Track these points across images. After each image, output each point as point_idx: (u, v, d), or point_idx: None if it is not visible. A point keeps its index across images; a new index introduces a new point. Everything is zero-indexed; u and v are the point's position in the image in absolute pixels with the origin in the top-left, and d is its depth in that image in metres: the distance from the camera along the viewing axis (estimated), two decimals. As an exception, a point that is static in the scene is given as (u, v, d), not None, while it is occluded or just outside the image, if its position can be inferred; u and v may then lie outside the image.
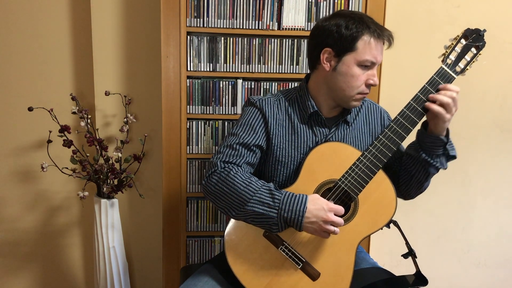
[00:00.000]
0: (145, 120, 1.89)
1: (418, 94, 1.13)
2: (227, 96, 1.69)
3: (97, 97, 1.83)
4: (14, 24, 1.82)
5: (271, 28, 1.66)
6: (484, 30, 1.14)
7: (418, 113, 1.13)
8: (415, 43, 1.92)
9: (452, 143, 1.19)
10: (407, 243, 1.23)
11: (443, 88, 1.11)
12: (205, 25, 1.63)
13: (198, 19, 1.63)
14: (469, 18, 1.91)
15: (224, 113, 1.70)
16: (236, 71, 1.68)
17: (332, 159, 1.17)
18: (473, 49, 1.14)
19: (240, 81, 1.69)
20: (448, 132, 1.16)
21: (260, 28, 1.66)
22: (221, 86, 1.68)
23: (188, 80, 1.67)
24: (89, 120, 1.76)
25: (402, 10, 1.89)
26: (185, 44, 1.63)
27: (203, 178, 1.17)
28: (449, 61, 1.13)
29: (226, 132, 1.72)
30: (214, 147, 1.73)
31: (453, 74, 1.13)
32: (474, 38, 1.14)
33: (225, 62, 1.68)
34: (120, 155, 1.77)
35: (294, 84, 1.68)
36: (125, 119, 1.81)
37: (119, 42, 1.82)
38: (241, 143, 1.19)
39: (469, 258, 2.14)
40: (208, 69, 1.67)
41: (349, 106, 1.22)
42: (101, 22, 1.79)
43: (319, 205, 1.08)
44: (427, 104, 1.11)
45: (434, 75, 1.13)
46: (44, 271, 2.02)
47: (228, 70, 1.68)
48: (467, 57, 1.14)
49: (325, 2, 1.67)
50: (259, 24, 1.66)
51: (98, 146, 1.72)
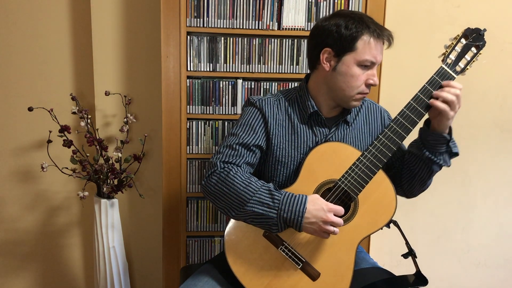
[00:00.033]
0: (145, 120, 1.89)
1: (418, 94, 1.13)
2: (227, 96, 1.69)
3: (97, 97, 1.83)
4: (14, 24, 1.82)
5: (271, 28, 1.66)
6: (484, 30, 1.13)
7: (418, 113, 1.13)
8: (415, 43, 1.92)
9: (454, 140, 1.19)
10: (407, 243, 1.23)
11: (447, 85, 1.11)
12: (205, 25, 1.63)
13: (198, 19, 1.63)
14: (469, 18, 1.91)
15: (224, 113, 1.70)
16: (236, 71, 1.68)
17: (332, 159, 1.17)
18: (473, 49, 1.14)
19: (240, 81, 1.69)
20: (451, 130, 1.17)
21: (260, 28, 1.66)
22: (221, 86, 1.68)
23: (188, 80, 1.67)
24: (89, 120, 1.76)
25: (402, 10, 1.89)
26: (185, 44, 1.63)
27: (203, 178, 1.17)
28: (449, 61, 1.13)
29: (226, 132, 1.72)
30: (214, 147, 1.73)
31: (453, 74, 1.13)
32: (474, 38, 1.13)
33: (225, 62, 1.68)
34: (120, 155, 1.77)
35: (294, 84, 1.68)
36: (125, 119, 1.81)
37: (119, 42, 1.82)
38: (241, 143, 1.19)
39: (469, 258, 2.14)
40: (208, 69, 1.67)
41: (349, 106, 1.22)
42: (101, 22, 1.79)
43: (319, 206, 1.08)
44: (432, 101, 1.10)
45: (434, 75, 1.13)
46: (44, 271, 2.02)
47: (228, 70, 1.68)
48: (467, 57, 1.14)
49: (325, 2, 1.66)
50: (259, 24, 1.66)
51: (98, 146, 1.72)
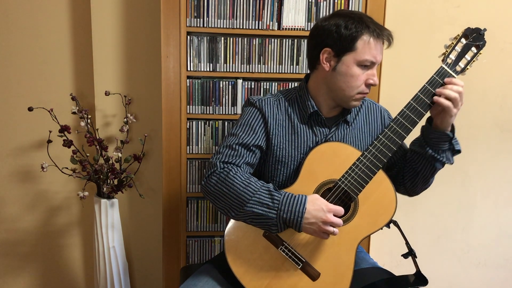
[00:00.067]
0: (145, 120, 1.89)
1: (419, 94, 1.13)
2: (227, 96, 1.69)
3: (97, 97, 1.83)
4: (14, 24, 1.82)
5: (271, 28, 1.66)
6: (485, 29, 1.13)
7: (419, 113, 1.13)
8: (415, 43, 1.92)
9: (456, 138, 1.19)
10: (407, 243, 1.23)
11: (449, 83, 1.11)
12: (205, 25, 1.63)
13: (198, 19, 1.63)
14: (469, 18, 1.91)
15: (224, 113, 1.70)
16: (236, 71, 1.68)
17: (332, 159, 1.17)
18: (474, 49, 1.14)
19: (240, 81, 1.69)
20: (454, 127, 1.17)
21: (260, 28, 1.66)
22: (221, 86, 1.68)
23: (188, 80, 1.66)
24: (89, 120, 1.76)
25: (402, 10, 1.89)
26: (185, 44, 1.63)
27: (203, 179, 1.17)
28: (449, 61, 1.13)
29: (226, 132, 1.72)
30: (214, 147, 1.73)
31: (453, 74, 1.13)
32: (475, 38, 1.13)
33: (225, 62, 1.67)
34: (120, 155, 1.77)
35: (294, 84, 1.68)
36: (125, 119, 1.81)
37: (119, 42, 1.82)
38: (241, 144, 1.19)
39: (469, 258, 2.14)
40: (208, 69, 1.67)
41: (349, 106, 1.22)
42: (101, 22, 1.79)
43: (318, 206, 1.08)
44: (436, 98, 1.10)
45: (434, 75, 1.13)
46: (44, 271, 2.02)
47: (228, 70, 1.68)
48: (467, 57, 1.14)
49: (325, 2, 1.66)
50: (259, 24, 1.66)
51: (98, 146, 1.72)
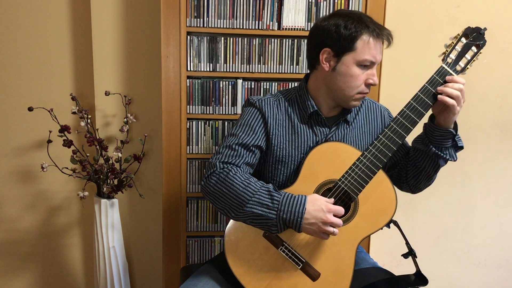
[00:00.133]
0: (145, 120, 1.89)
1: (419, 94, 1.13)
2: (227, 96, 1.69)
3: (97, 97, 1.83)
4: (14, 24, 1.82)
5: (271, 28, 1.66)
6: (485, 29, 1.13)
7: (419, 112, 1.13)
8: (415, 43, 1.92)
9: (459, 135, 1.20)
10: (407, 243, 1.23)
11: (451, 81, 1.11)
12: (205, 25, 1.63)
13: (198, 19, 1.63)
14: (469, 18, 1.91)
15: (224, 113, 1.70)
16: (236, 71, 1.68)
17: (332, 159, 1.17)
18: (474, 48, 1.14)
19: (240, 81, 1.69)
20: (456, 124, 1.17)
21: (260, 28, 1.66)
22: (221, 86, 1.68)
23: (188, 80, 1.66)
24: (89, 120, 1.76)
25: (402, 10, 1.89)
26: (185, 44, 1.63)
27: (202, 179, 1.17)
28: (450, 60, 1.13)
29: (226, 132, 1.71)
30: (214, 147, 1.73)
31: (453, 73, 1.13)
32: (475, 37, 1.13)
33: (225, 62, 1.67)
34: (120, 155, 1.77)
35: (294, 84, 1.67)
36: (125, 119, 1.81)
37: (119, 42, 1.82)
38: (240, 144, 1.19)
39: (469, 258, 2.14)
40: (208, 69, 1.67)
41: (349, 106, 1.22)
42: (101, 22, 1.79)
43: (318, 206, 1.08)
44: (440, 97, 1.10)
45: (435, 74, 1.13)
46: (44, 271, 2.02)
47: (228, 70, 1.68)
48: (468, 56, 1.14)
49: (325, 2, 1.66)
50: (259, 24, 1.66)
51: (98, 146, 1.72)
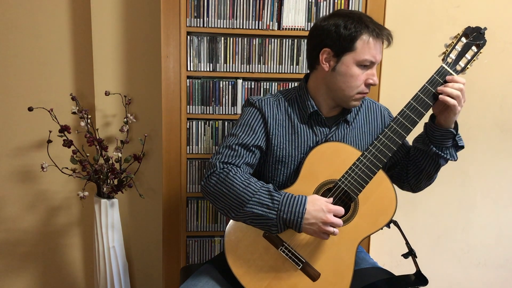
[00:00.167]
0: (145, 120, 1.89)
1: (419, 94, 1.13)
2: (227, 96, 1.69)
3: (97, 97, 1.83)
4: (14, 24, 1.82)
5: (271, 28, 1.66)
6: (485, 28, 1.13)
7: (419, 112, 1.13)
8: (415, 43, 1.92)
9: (460, 134, 1.20)
10: (407, 243, 1.23)
11: (451, 80, 1.11)
12: (205, 25, 1.63)
13: (198, 19, 1.63)
14: (469, 18, 1.91)
15: (224, 113, 1.70)
16: (236, 71, 1.68)
17: (332, 159, 1.16)
18: (474, 48, 1.14)
19: (240, 81, 1.69)
20: (457, 124, 1.17)
21: (260, 28, 1.66)
22: (221, 86, 1.68)
23: (188, 80, 1.66)
24: (89, 120, 1.76)
25: (402, 10, 1.89)
26: (185, 44, 1.63)
27: (202, 179, 1.16)
28: (450, 60, 1.13)
29: (226, 132, 1.71)
30: (214, 147, 1.73)
31: (454, 73, 1.13)
32: (475, 37, 1.13)
33: (225, 62, 1.67)
34: (120, 155, 1.77)
35: (294, 84, 1.67)
36: (125, 119, 1.81)
37: (119, 42, 1.82)
38: (240, 144, 1.19)
39: (469, 258, 2.14)
40: (208, 69, 1.67)
41: (349, 106, 1.22)
42: (101, 22, 1.79)
43: (318, 206, 1.08)
44: (442, 97, 1.10)
45: (435, 74, 1.13)
46: (44, 271, 2.02)
47: (228, 70, 1.68)
48: (468, 56, 1.14)
49: (325, 2, 1.66)
50: (259, 24, 1.66)
51: (98, 146, 1.72)
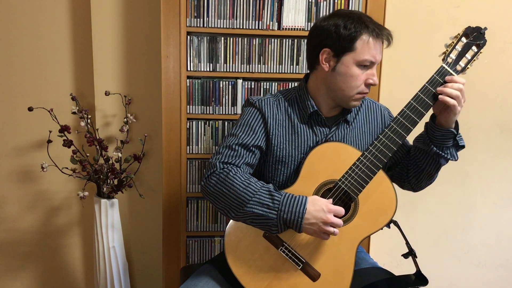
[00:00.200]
0: (145, 120, 1.89)
1: (419, 94, 1.13)
2: (227, 96, 1.69)
3: (97, 97, 1.83)
4: (14, 24, 1.82)
5: (271, 28, 1.66)
6: (485, 28, 1.13)
7: (419, 112, 1.13)
8: (415, 43, 1.92)
9: (460, 133, 1.19)
10: (407, 243, 1.23)
11: (450, 81, 1.11)
12: (205, 25, 1.63)
13: (198, 19, 1.63)
14: (469, 18, 1.91)
15: (224, 113, 1.70)
16: (236, 71, 1.68)
17: (332, 159, 1.16)
18: (474, 48, 1.14)
19: (240, 81, 1.68)
20: (457, 124, 1.17)
21: (260, 28, 1.66)
22: (221, 86, 1.68)
23: (188, 80, 1.66)
24: (89, 120, 1.76)
25: (402, 10, 1.89)
26: (185, 44, 1.63)
27: (202, 179, 1.16)
28: (450, 60, 1.13)
29: (226, 132, 1.71)
30: (214, 147, 1.73)
31: (454, 73, 1.13)
32: (475, 36, 1.13)
33: (225, 62, 1.67)
34: (120, 155, 1.77)
35: (294, 84, 1.67)
36: (125, 119, 1.81)
37: (119, 42, 1.82)
38: (240, 144, 1.19)
39: (469, 258, 2.14)
40: (208, 69, 1.67)
41: (349, 106, 1.22)
42: (101, 22, 1.79)
43: (319, 206, 1.08)
44: (441, 97, 1.10)
45: (435, 74, 1.13)
46: (44, 271, 2.02)
47: (228, 70, 1.68)
48: (468, 56, 1.14)
49: (325, 2, 1.66)
50: (259, 24, 1.66)
51: (98, 146, 1.72)
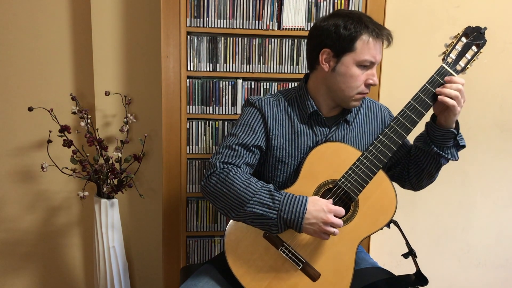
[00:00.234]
0: (145, 120, 1.89)
1: (419, 94, 1.13)
2: (227, 96, 1.69)
3: (97, 97, 1.83)
4: (14, 24, 1.82)
5: (271, 28, 1.66)
6: (485, 28, 1.13)
7: (419, 112, 1.13)
8: (415, 43, 1.92)
9: (461, 133, 1.19)
10: (407, 243, 1.23)
11: (449, 81, 1.11)
12: (205, 25, 1.63)
13: (198, 19, 1.63)
14: (469, 18, 1.91)
15: (224, 113, 1.70)
16: (236, 71, 1.68)
17: (332, 159, 1.16)
18: (474, 47, 1.14)
19: (240, 81, 1.69)
20: (458, 123, 1.17)
21: (260, 28, 1.66)
22: (221, 86, 1.68)
23: (188, 80, 1.66)
24: (89, 120, 1.76)
25: (402, 10, 1.89)
26: (185, 44, 1.63)
27: (202, 179, 1.16)
28: (450, 60, 1.13)
29: (226, 132, 1.71)
30: (214, 147, 1.73)
31: (454, 73, 1.13)
32: (475, 36, 1.13)
33: (225, 62, 1.67)
34: (120, 155, 1.77)
35: (294, 84, 1.67)
36: (125, 119, 1.81)
37: (119, 42, 1.82)
38: (240, 144, 1.19)
39: (469, 258, 2.14)
40: (208, 69, 1.67)
41: (349, 106, 1.22)
42: (101, 22, 1.79)
43: (319, 206, 1.08)
44: (441, 98, 1.10)
45: (435, 74, 1.13)
46: (44, 271, 2.02)
47: (228, 70, 1.68)
48: (468, 56, 1.14)
49: (325, 2, 1.66)
50: (259, 24, 1.66)
51: (98, 146, 1.72)
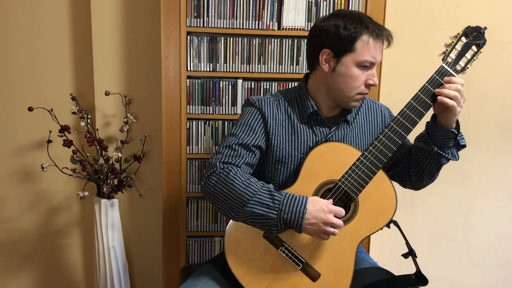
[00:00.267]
0: (145, 120, 1.89)
1: (419, 94, 1.13)
2: (227, 96, 1.69)
3: (97, 97, 1.83)
4: (14, 24, 1.82)
5: (271, 28, 1.66)
6: (485, 28, 1.13)
7: (419, 112, 1.13)
8: (415, 43, 1.92)
9: (461, 133, 1.19)
10: (407, 243, 1.23)
11: (448, 82, 1.11)
12: (205, 25, 1.63)
13: (198, 19, 1.63)
14: (469, 18, 1.91)
15: (224, 113, 1.70)
16: (236, 71, 1.68)
17: (332, 159, 1.16)
18: (474, 47, 1.14)
19: (240, 81, 1.69)
20: (458, 123, 1.17)
21: (260, 28, 1.66)
22: (221, 86, 1.68)
23: (188, 80, 1.66)
24: (89, 120, 1.76)
25: (402, 10, 1.89)
26: (185, 44, 1.63)
27: (202, 179, 1.16)
28: (450, 60, 1.13)
29: (226, 132, 1.72)
30: (214, 147, 1.73)
31: (454, 73, 1.13)
32: (475, 36, 1.13)
33: (225, 62, 1.67)
34: (120, 155, 1.77)
35: (294, 84, 1.67)
36: (125, 119, 1.81)
37: (119, 42, 1.82)
38: (240, 144, 1.19)
39: (469, 258, 2.14)
40: (208, 69, 1.67)
41: (349, 107, 1.22)
42: (101, 22, 1.79)
43: (319, 207, 1.08)
44: (440, 98, 1.10)
45: (435, 74, 1.13)
46: (44, 271, 2.02)
47: (228, 70, 1.68)
48: (468, 55, 1.14)
49: (325, 2, 1.66)
50: (259, 24, 1.66)
51: (98, 146, 1.72)
